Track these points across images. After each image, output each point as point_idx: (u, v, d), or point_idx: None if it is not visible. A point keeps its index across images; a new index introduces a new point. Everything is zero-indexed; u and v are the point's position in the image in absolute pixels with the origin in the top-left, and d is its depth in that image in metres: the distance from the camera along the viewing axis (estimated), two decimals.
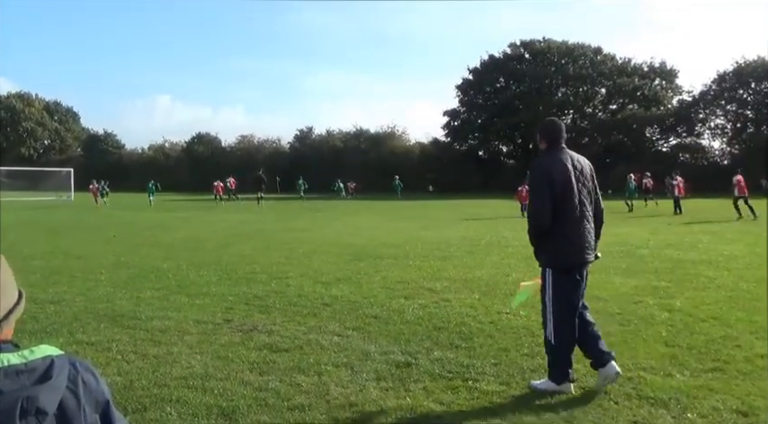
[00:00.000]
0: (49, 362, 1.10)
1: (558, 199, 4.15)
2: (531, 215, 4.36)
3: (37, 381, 1.06)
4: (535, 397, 4.12)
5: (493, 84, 61.33)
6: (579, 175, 4.27)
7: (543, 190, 4.18)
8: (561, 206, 4.17)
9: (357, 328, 5.99)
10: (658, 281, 8.44)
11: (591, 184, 4.39)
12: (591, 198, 4.37)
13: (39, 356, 1.10)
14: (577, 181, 4.24)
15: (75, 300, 7.32)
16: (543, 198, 4.18)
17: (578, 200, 4.22)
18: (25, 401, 1.03)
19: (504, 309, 6.77)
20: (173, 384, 4.41)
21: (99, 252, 12.03)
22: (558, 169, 4.19)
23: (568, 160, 4.27)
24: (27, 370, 1.07)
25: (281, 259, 11.04)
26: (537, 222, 4.27)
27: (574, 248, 4.23)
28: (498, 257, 11.15)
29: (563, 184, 4.16)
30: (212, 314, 6.60)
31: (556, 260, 4.28)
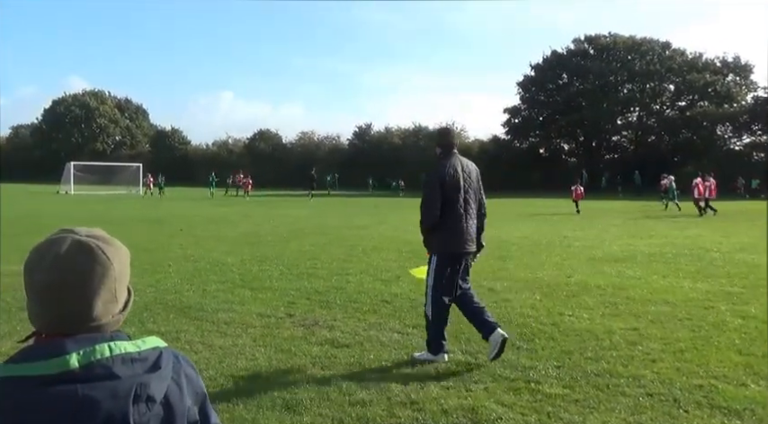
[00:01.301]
0: (158, 353, 1.16)
1: (446, 197, 4.86)
2: (424, 209, 4.99)
3: (149, 369, 1.12)
4: (601, 402, 4.03)
5: (555, 81, 60.13)
6: (467, 177, 4.98)
7: (435, 189, 4.88)
8: (449, 203, 4.88)
9: (417, 326, 5.99)
10: (731, 286, 8.10)
11: (476, 186, 5.10)
12: (476, 197, 5.07)
13: (150, 346, 1.16)
14: (464, 183, 4.94)
15: (145, 291, 7.61)
16: (435, 196, 4.88)
17: (463, 199, 4.92)
18: (139, 388, 1.09)
19: (566, 311, 6.64)
20: (238, 375, 4.54)
21: (166, 245, 12.46)
22: (448, 172, 4.89)
23: (458, 164, 4.97)
24: (140, 359, 1.13)
25: (341, 255, 11.16)
26: (429, 216, 4.93)
27: (457, 239, 4.92)
28: (560, 257, 10.94)
29: (452, 185, 4.88)
30: (275, 308, 6.74)
31: (441, 248, 4.96)
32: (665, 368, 4.70)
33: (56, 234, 1.17)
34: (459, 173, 4.93)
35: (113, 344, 1.11)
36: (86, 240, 1.15)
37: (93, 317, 1.13)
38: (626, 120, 59.31)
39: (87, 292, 1.12)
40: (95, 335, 1.12)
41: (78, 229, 1.19)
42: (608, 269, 9.53)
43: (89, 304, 1.12)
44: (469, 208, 4.98)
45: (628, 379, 4.45)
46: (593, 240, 13.92)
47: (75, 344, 1.09)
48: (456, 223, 4.90)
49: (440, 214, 4.86)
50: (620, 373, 4.59)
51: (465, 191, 4.94)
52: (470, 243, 5.00)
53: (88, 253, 1.14)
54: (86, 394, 1.05)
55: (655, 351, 5.15)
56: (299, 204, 31.91)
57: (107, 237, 1.20)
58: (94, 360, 1.08)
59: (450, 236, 4.90)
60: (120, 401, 1.06)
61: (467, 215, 4.95)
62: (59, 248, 1.13)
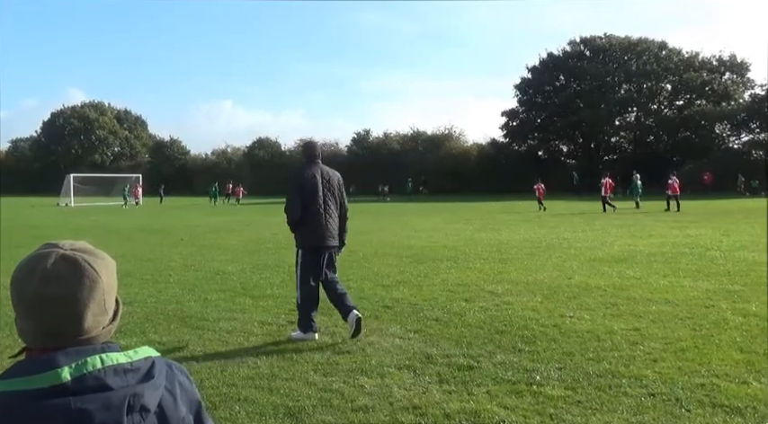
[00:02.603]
0: (150, 362, 1.17)
1: (306, 199, 5.67)
2: (287, 209, 5.76)
3: (141, 380, 1.13)
4: (603, 402, 4.03)
5: (552, 83, 60.25)
6: (327, 183, 5.79)
7: (296, 193, 5.70)
8: (309, 204, 5.67)
9: (418, 330, 6.00)
10: (732, 284, 8.10)
11: (337, 191, 5.87)
12: (336, 201, 5.85)
13: (142, 356, 1.17)
14: (323, 187, 5.76)
15: (146, 301, 7.61)
16: (296, 198, 5.69)
17: (323, 201, 5.72)
18: (132, 398, 1.09)
19: (567, 312, 6.64)
20: (240, 383, 4.54)
21: (167, 255, 12.47)
22: (307, 178, 5.72)
23: (318, 171, 5.80)
24: (133, 369, 1.13)
25: (342, 261, 11.04)
26: (291, 215, 5.74)
27: (317, 235, 5.71)
28: (560, 259, 10.95)
29: (311, 189, 5.69)
30: (276, 316, 6.75)
31: (304, 242, 5.79)
32: (667, 368, 4.70)
33: (41, 250, 1.17)
34: (317, 179, 5.74)
35: (105, 355, 1.12)
36: (72, 254, 1.16)
37: (83, 330, 1.13)
38: (624, 121, 59.39)
39: (76, 306, 1.12)
40: (86, 347, 1.12)
41: (63, 243, 1.19)
42: (608, 270, 9.53)
43: (79, 318, 1.13)
44: (329, 209, 5.77)
45: (630, 379, 4.46)
46: (593, 241, 13.93)
47: (66, 357, 1.09)
48: (316, 221, 5.69)
49: (301, 214, 5.66)
50: (622, 373, 4.60)
51: (324, 195, 5.75)
52: (330, 239, 5.79)
53: (75, 267, 1.14)
54: (79, 407, 1.05)
55: (656, 351, 5.16)
56: None
57: (93, 250, 1.20)
58: (86, 372, 1.08)
59: (311, 233, 5.72)
60: (114, 413, 1.07)
61: (326, 215, 5.74)
62: (45, 263, 1.13)
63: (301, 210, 5.67)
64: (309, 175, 5.74)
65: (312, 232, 5.71)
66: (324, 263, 5.79)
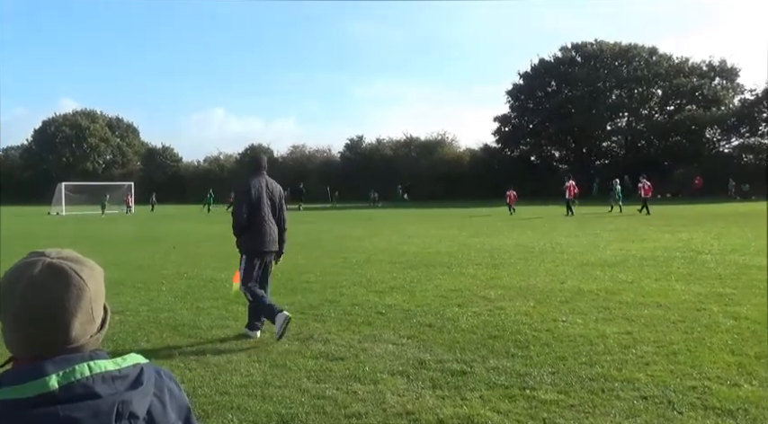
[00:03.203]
0: (139, 369, 1.17)
1: (251, 208, 6.04)
2: (234, 216, 6.14)
3: (130, 387, 1.13)
4: (596, 406, 4.04)
5: (544, 89, 60.55)
6: (270, 193, 6.17)
7: (242, 201, 6.09)
8: (253, 213, 6.06)
9: (412, 336, 6.00)
10: (723, 288, 8.15)
11: (278, 201, 6.26)
12: (276, 211, 6.23)
13: (130, 363, 1.17)
14: (267, 197, 6.12)
15: (138, 310, 7.58)
16: (242, 207, 6.06)
17: (265, 211, 6.10)
18: (121, 406, 1.09)
19: (560, 317, 6.66)
20: (233, 391, 4.52)
21: (159, 263, 12.43)
22: (253, 188, 6.09)
23: (263, 182, 6.19)
24: (121, 376, 1.13)
25: (335, 268, 11.16)
26: (237, 222, 6.12)
27: (259, 241, 6.10)
28: (552, 264, 10.98)
29: (256, 198, 6.06)
30: (269, 324, 6.72)
31: (247, 248, 6.16)
32: (659, 371, 4.72)
33: (27, 259, 1.17)
34: (262, 189, 6.14)
35: (93, 363, 1.11)
36: (59, 262, 1.15)
37: (70, 339, 1.13)
38: (615, 126, 59.68)
39: (64, 315, 1.12)
40: (74, 356, 1.12)
41: (49, 251, 1.18)
42: (601, 274, 9.57)
43: (66, 327, 1.12)
44: (271, 218, 6.18)
45: (622, 383, 4.47)
46: (585, 245, 13.98)
47: (53, 366, 1.09)
48: (259, 228, 6.09)
49: (246, 221, 6.05)
50: (615, 377, 4.61)
51: (267, 205, 6.14)
52: (271, 245, 6.20)
53: (62, 276, 1.13)
54: (67, 415, 1.05)
55: (648, 354, 5.18)
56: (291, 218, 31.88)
57: (80, 258, 1.20)
58: (74, 380, 1.08)
59: (254, 239, 6.11)
60: (103, 420, 1.07)
61: (269, 223, 6.15)
62: (32, 272, 1.13)
63: (248, 219, 6.06)
64: (256, 185, 6.14)
65: (256, 238, 6.12)
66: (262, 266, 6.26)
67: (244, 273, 6.16)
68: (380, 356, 5.35)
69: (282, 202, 6.33)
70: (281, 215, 6.31)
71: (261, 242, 6.12)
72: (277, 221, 6.27)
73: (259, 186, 6.14)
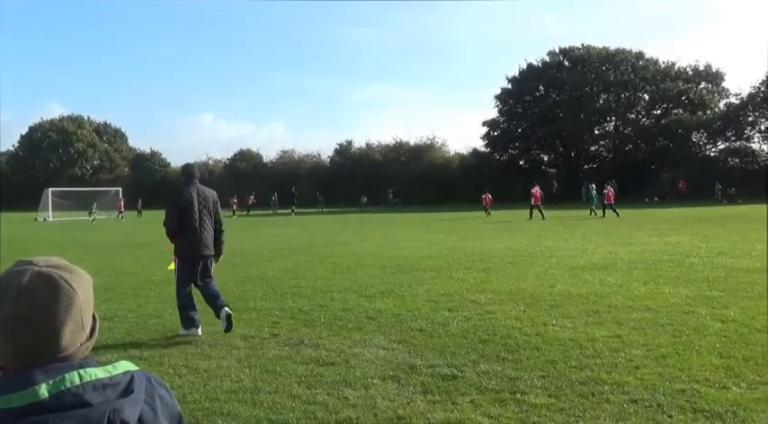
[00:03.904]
0: (129, 377, 1.16)
1: (183, 215, 6.38)
2: (165, 223, 6.49)
3: (121, 394, 1.12)
4: (586, 410, 4.06)
5: (532, 93, 60.81)
6: (202, 200, 6.52)
7: (173, 208, 6.44)
8: (186, 219, 6.38)
9: (402, 341, 6.00)
10: (710, 291, 8.21)
11: (212, 207, 6.61)
12: (211, 216, 6.58)
13: (120, 371, 1.16)
14: (199, 204, 6.47)
15: (127, 316, 7.53)
16: (173, 213, 6.41)
17: (198, 216, 6.44)
18: (112, 414, 1.08)
19: (550, 321, 6.69)
20: (223, 397, 4.50)
21: (148, 269, 12.35)
22: (184, 196, 6.44)
23: (194, 190, 6.52)
24: (111, 384, 1.12)
25: (325, 272, 11.14)
26: (168, 227, 6.46)
27: (193, 245, 6.43)
28: (542, 268, 11.02)
29: (187, 205, 6.41)
30: (259, 329, 6.71)
31: (181, 252, 6.53)
32: (648, 374, 4.75)
33: (14, 267, 1.16)
34: (193, 197, 6.47)
35: (83, 371, 1.11)
36: (47, 270, 1.14)
37: (60, 348, 1.12)
38: (603, 130, 60.05)
39: (54, 323, 1.11)
40: (64, 364, 1.11)
41: (37, 260, 1.17)
42: (590, 278, 9.62)
43: (56, 336, 1.11)
44: (204, 223, 6.51)
45: (612, 386, 4.50)
46: (574, 249, 14.05)
47: (43, 374, 1.08)
48: (192, 234, 6.41)
49: (179, 227, 6.38)
50: (604, 380, 4.64)
51: (199, 211, 6.46)
52: (205, 249, 6.52)
53: (51, 284, 1.12)
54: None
55: (637, 358, 5.21)
56: (281, 223, 31.81)
57: (68, 266, 1.19)
58: (65, 389, 1.07)
59: (187, 244, 6.44)
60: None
61: (201, 228, 6.47)
62: (20, 281, 1.12)
63: (179, 224, 6.40)
64: (187, 193, 6.49)
65: (189, 243, 6.45)
66: (199, 270, 6.52)
67: (178, 275, 6.55)
68: (371, 361, 5.35)
69: (218, 207, 6.74)
70: (216, 218, 6.68)
71: (194, 247, 6.46)
72: (213, 225, 6.64)
73: (190, 194, 6.49)
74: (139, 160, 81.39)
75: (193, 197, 6.48)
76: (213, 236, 6.62)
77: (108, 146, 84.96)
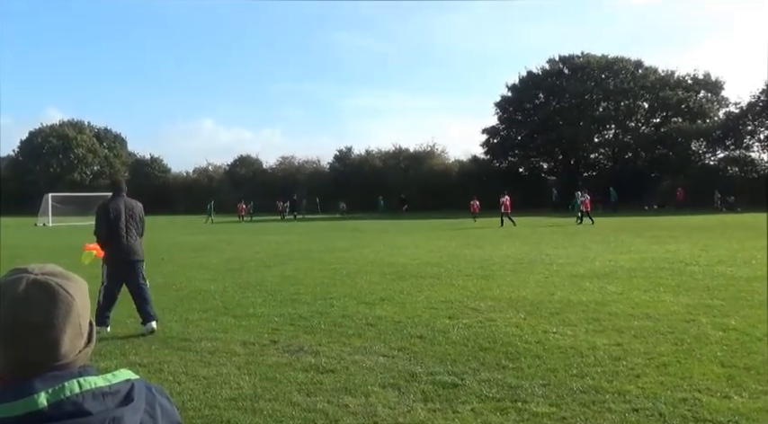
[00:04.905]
0: (129, 385, 1.15)
1: (111, 225, 7.01)
2: (96, 233, 7.18)
3: (120, 403, 1.11)
4: (587, 418, 4.04)
5: (532, 101, 60.93)
6: (130, 211, 7.18)
7: (102, 220, 7.05)
8: (113, 229, 7.02)
9: (402, 348, 5.98)
10: (711, 299, 8.20)
11: (138, 217, 7.26)
12: (137, 226, 7.24)
13: (120, 379, 1.15)
14: (126, 215, 7.12)
15: (126, 322, 7.51)
16: (102, 224, 7.04)
17: (125, 226, 7.08)
18: (111, 422, 1.07)
19: (550, 329, 6.67)
20: (223, 405, 4.48)
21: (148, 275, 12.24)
22: (111, 208, 7.08)
23: (122, 203, 7.18)
24: (111, 392, 1.11)
25: (325, 279, 11.12)
26: (97, 236, 7.18)
27: (119, 252, 7.07)
28: (542, 275, 11.00)
29: (115, 216, 7.04)
30: (259, 335, 6.69)
31: (109, 258, 7.15)
32: (650, 383, 4.74)
33: (9, 276, 1.14)
34: (120, 209, 7.10)
35: (82, 380, 1.10)
36: (44, 278, 1.13)
37: (60, 356, 1.11)
38: (603, 138, 60.12)
39: (53, 331, 1.10)
40: (63, 372, 1.10)
41: (32, 267, 1.16)
42: (590, 286, 9.60)
43: (56, 344, 1.11)
44: (131, 232, 7.13)
45: (613, 395, 4.48)
46: (574, 257, 14.03)
47: (43, 383, 1.07)
48: (118, 242, 7.04)
49: (107, 235, 7.03)
50: (606, 389, 4.62)
51: (126, 221, 7.09)
52: (133, 254, 7.16)
53: (48, 292, 1.12)
54: None
55: (639, 366, 5.19)
56: (280, 229, 31.78)
57: (64, 272, 1.18)
58: (64, 398, 1.06)
59: (114, 251, 7.07)
60: None
61: (128, 236, 7.10)
62: (15, 289, 1.11)
63: (107, 233, 7.02)
64: (114, 206, 7.12)
65: (116, 250, 7.07)
66: (131, 275, 7.15)
67: (107, 279, 7.11)
68: (371, 368, 5.33)
69: (142, 218, 7.40)
70: (141, 228, 7.35)
71: (120, 254, 7.10)
72: (140, 234, 7.30)
73: (117, 206, 7.13)
74: (139, 165, 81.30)
75: (121, 208, 7.13)
76: (140, 243, 7.33)
77: (108, 152, 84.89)
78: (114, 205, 7.14)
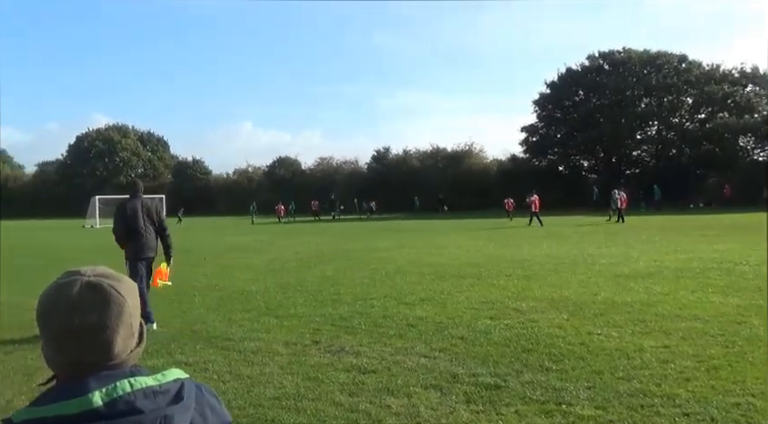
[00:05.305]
0: (180, 384, 1.17)
1: (129, 224, 7.47)
2: (114, 231, 7.61)
3: (171, 401, 1.13)
4: (635, 422, 3.95)
5: (572, 98, 59.99)
6: (146, 210, 7.59)
7: (120, 219, 7.52)
8: (132, 227, 7.48)
9: (444, 349, 5.95)
10: (762, 300, 7.93)
11: (155, 217, 7.65)
12: (154, 224, 7.63)
13: (170, 378, 1.17)
14: (143, 214, 7.54)
15: (172, 322, 7.67)
16: (120, 223, 7.51)
17: (142, 224, 7.52)
18: (162, 420, 1.10)
19: (595, 330, 6.55)
20: (267, 404, 4.53)
21: (191, 275, 12.55)
22: (129, 208, 7.52)
23: (138, 203, 7.61)
24: (162, 391, 1.14)
25: (365, 279, 11.15)
26: (116, 235, 7.60)
27: (138, 249, 7.51)
28: (585, 275, 10.82)
29: (132, 215, 7.49)
30: (300, 336, 6.74)
31: (130, 255, 7.54)
32: (700, 387, 4.61)
33: (63, 278, 1.17)
34: (137, 208, 7.52)
35: (134, 379, 1.12)
36: (96, 280, 1.16)
37: (113, 356, 1.14)
38: (645, 135, 58.86)
39: (106, 333, 1.13)
40: (116, 372, 1.13)
41: (84, 270, 1.18)
42: (635, 286, 9.40)
43: (109, 345, 1.13)
44: (148, 230, 7.56)
45: (662, 398, 4.37)
46: (618, 257, 13.76)
47: (97, 382, 1.10)
48: (137, 239, 7.48)
49: (126, 234, 7.46)
50: (654, 392, 4.51)
51: (143, 219, 7.51)
52: (149, 251, 7.60)
53: (101, 294, 1.14)
54: None
55: (688, 369, 5.05)
56: (319, 230, 32.01)
57: (114, 273, 1.20)
58: (117, 396, 1.09)
59: (134, 247, 7.51)
60: None
61: (146, 234, 7.54)
62: (70, 291, 1.14)
63: (126, 231, 7.47)
64: (131, 206, 7.54)
65: (135, 247, 7.50)
66: (145, 270, 7.54)
67: (130, 275, 7.03)
68: (413, 369, 5.32)
69: (161, 216, 7.78)
70: (160, 226, 7.71)
71: (140, 250, 7.52)
72: (157, 231, 7.68)
73: (134, 206, 7.54)
74: (181, 168, 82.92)
75: (138, 208, 7.55)
76: (156, 240, 7.73)
77: (151, 155, 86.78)
78: (131, 205, 7.57)
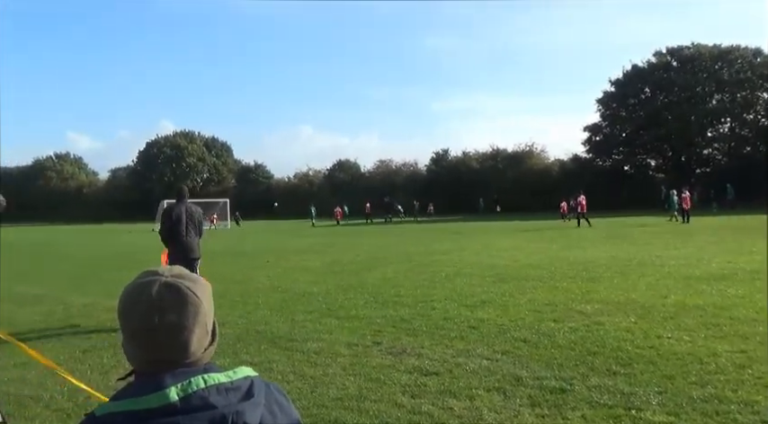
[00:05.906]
0: (250, 382, 1.21)
1: (173, 226, 8.02)
2: (160, 232, 8.19)
3: (242, 398, 1.17)
4: None
5: (637, 96, 58.20)
6: (190, 214, 8.15)
7: (167, 222, 8.07)
8: (176, 230, 8.02)
9: (506, 352, 5.87)
10: None
11: (196, 220, 8.23)
12: (195, 227, 8.19)
13: (241, 376, 1.21)
14: (186, 218, 8.09)
15: (237, 322, 7.85)
16: (165, 225, 8.06)
17: (185, 228, 8.06)
18: (234, 416, 1.14)
19: (665, 333, 6.32)
20: (330, 404, 4.57)
21: (254, 277, 12.84)
22: (174, 212, 8.09)
23: (183, 207, 8.17)
24: (233, 388, 1.18)
25: (425, 281, 11.13)
26: (162, 236, 8.12)
27: (181, 249, 8.02)
28: (653, 278, 10.45)
29: (177, 219, 8.04)
30: (362, 337, 6.78)
31: (174, 255, 7.96)
32: None
33: (142, 278, 1.22)
34: (182, 212, 8.09)
35: (207, 376, 1.17)
36: (174, 281, 1.20)
37: (189, 354, 1.19)
38: (717, 132, 56.49)
39: (183, 332, 1.17)
40: (191, 369, 1.18)
41: (162, 270, 1.23)
42: (707, 288, 9.01)
43: (186, 343, 1.18)
44: (190, 232, 8.10)
45: (739, 405, 4.17)
46: (688, 258, 13.24)
47: (173, 378, 1.15)
48: (180, 240, 8.03)
49: (171, 236, 8.02)
50: (730, 398, 4.31)
51: (186, 223, 8.07)
52: (190, 252, 8.09)
53: (179, 294, 1.19)
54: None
55: (767, 375, 4.80)
56: (378, 232, 32.16)
57: (191, 275, 1.25)
58: (191, 392, 1.13)
59: (177, 248, 8.02)
60: None
61: (188, 236, 8.09)
62: (150, 291, 1.18)
63: (169, 233, 8.01)
64: (177, 210, 8.11)
65: (178, 247, 8.02)
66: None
67: None
68: (475, 371, 5.26)
69: (201, 220, 8.34)
70: (200, 229, 8.28)
71: (182, 251, 7.99)
72: (198, 235, 8.24)
73: (179, 210, 8.10)
74: (244, 172, 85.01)
75: (182, 212, 8.09)
76: (198, 242, 8.25)
77: (216, 160, 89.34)
78: (177, 209, 8.13)
